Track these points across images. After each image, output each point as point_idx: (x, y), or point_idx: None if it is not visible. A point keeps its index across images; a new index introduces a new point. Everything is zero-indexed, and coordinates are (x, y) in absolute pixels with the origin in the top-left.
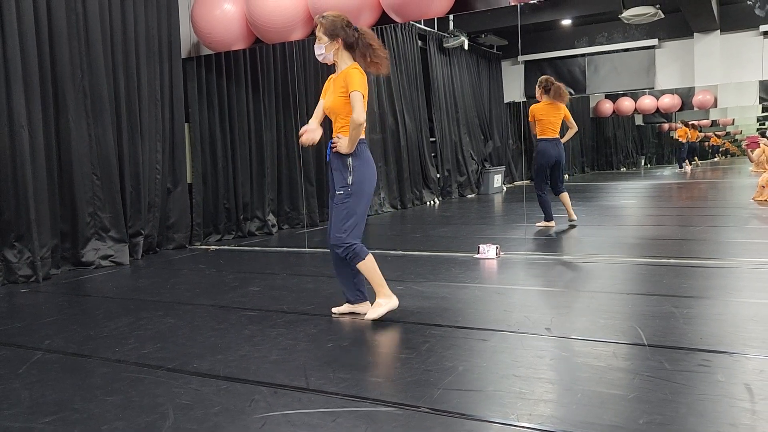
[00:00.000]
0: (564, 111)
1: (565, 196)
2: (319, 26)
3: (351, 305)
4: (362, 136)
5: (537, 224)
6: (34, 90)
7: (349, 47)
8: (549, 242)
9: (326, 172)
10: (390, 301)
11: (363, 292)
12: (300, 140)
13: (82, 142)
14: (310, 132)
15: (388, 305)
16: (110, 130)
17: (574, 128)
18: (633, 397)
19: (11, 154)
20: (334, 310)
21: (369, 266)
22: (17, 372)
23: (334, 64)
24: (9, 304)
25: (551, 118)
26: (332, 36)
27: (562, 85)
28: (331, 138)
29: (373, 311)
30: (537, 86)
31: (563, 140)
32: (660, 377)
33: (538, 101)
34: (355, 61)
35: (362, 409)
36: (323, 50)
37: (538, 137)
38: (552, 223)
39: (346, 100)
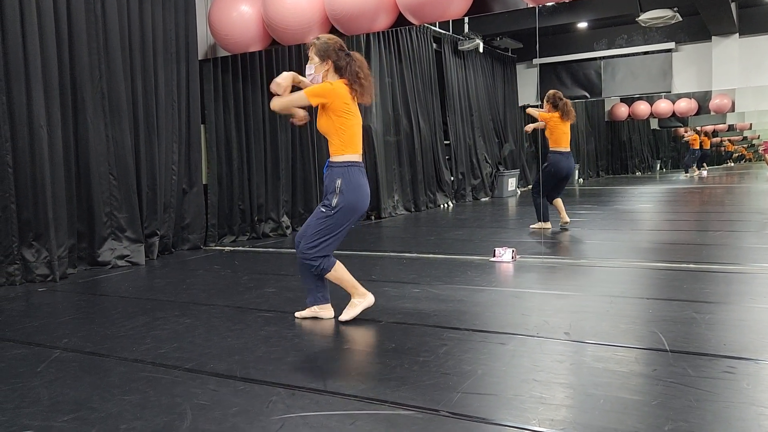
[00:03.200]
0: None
1: (559, 201)
2: (311, 47)
3: (312, 309)
4: (359, 161)
5: (531, 227)
6: (53, 90)
7: (339, 70)
8: (565, 246)
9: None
10: (365, 300)
11: (326, 296)
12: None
13: (99, 143)
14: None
15: (362, 304)
16: (127, 130)
17: (540, 125)
18: (657, 404)
19: (30, 154)
20: (297, 314)
21: (338, 274)
22: (36, 370)
23: None
24: (27, 303)
25: (565, 128)
26: (323, 57)
27: (569, 101)
28: (329, 157)
29: (347, 312)
30: (546, 101)
31: (529, 129)
32: (684, 383)
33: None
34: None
35: (381, 412)
36: (313, 71)
37: (552, 148)
38: (548, 224)
39: (329, 120)
